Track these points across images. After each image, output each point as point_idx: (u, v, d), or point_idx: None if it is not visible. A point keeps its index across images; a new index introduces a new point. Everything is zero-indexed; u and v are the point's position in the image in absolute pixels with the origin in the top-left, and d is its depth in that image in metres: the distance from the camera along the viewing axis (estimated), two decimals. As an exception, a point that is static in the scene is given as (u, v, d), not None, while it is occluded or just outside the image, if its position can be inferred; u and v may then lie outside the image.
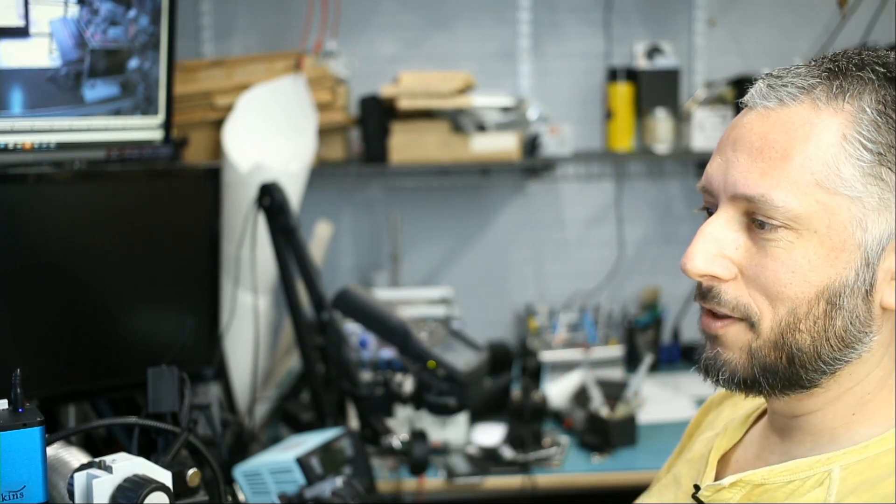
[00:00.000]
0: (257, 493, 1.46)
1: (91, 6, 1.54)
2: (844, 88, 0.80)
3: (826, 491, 0.81)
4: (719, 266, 0.82)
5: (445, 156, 2.46)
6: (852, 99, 0.79)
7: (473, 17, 2.74)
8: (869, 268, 0.79)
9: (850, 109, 0.79)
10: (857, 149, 0.78)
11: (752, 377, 0.83)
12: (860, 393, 0.83)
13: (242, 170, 2.05)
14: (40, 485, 0.91)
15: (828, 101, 0.80)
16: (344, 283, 1.83)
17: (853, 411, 0.84)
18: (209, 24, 2.65)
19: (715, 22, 2.78)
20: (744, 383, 0.84)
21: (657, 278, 2.83)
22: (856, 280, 0.79)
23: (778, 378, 0.82)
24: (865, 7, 2.16)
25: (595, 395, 2.24)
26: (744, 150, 0.82)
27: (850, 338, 0.80)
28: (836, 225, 0.78)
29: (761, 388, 0.83)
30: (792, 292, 0.79)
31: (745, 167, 0.81)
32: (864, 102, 0.79)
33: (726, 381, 0.84)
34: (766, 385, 0.83)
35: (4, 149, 1.47)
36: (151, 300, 1.76)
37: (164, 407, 1.17)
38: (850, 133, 0.78)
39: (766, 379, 0.82)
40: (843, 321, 0.80)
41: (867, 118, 0.78)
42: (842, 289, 0.79)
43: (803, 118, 0.80)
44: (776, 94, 0.82)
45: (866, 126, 0.78)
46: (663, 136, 2.66)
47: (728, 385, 0.84)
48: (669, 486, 1.01)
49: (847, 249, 0.79)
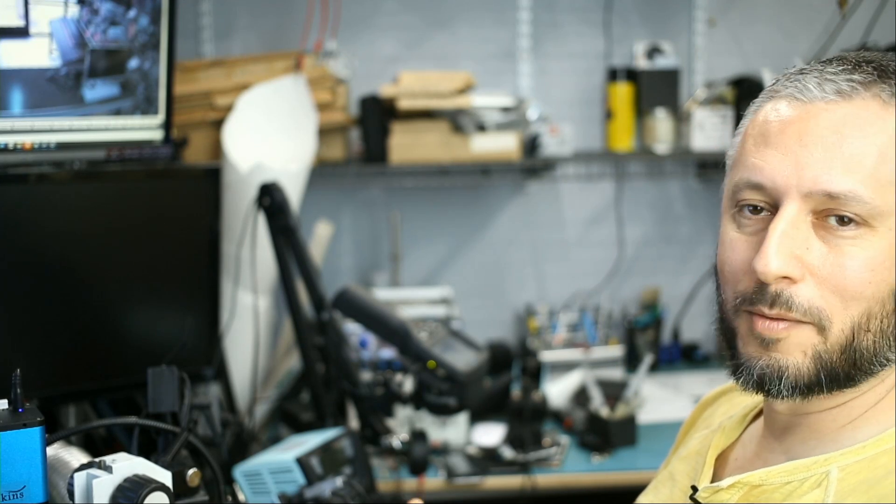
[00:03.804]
0: (257, 493, 1.46)
1: (91, 6, 1.54)
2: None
3: (824, 492, 0.80)
4: (794, 267, 0.79)
5: (445, 156, 2.46)
6: None
7: (473, 17, 2.74)
8: None
9: None
10: None
11: (817, 382, 0.80)
12: (875, 393, 0.83)
13: (242, 170, 2.05)
14: (40, 485, 0.91)
15: (890, 99, 0.79)
16: (344, 283, 1.83)
17: (863, 411, 0.83)
18: (209, 24, 2.65)
19: (715, 22, 2.78)
20: (807, 389, 0.80)
21: (657, 278, 2.82)
22: None
23: (838, 381, 0.80)
24: (865, 7, 2.16)
25: (595, 395, 2.24)
26: (815, 143, 0.78)
27: None
28: None
29: (820, 392, 0.81)
30: (870, 292, 0.78)
31: (823, 162, 0.78)
32: None
33: (791, 388, 0.80)
34: (825, 389, 0.80)
35: (4, 149, 1.48)
36: (151, 300, 1.77)
37: (164, 407, 1.17)
38: None
39: (828, 383, 0.80)
40: None
41: None
42: None
43: (874, 114, 0.78)
44: (835, 86, 0.79)
45: None
46: (663, 136, 2.66)
47: (791, 393, 0.80)
48: (665, 483, 1.01)
49: None
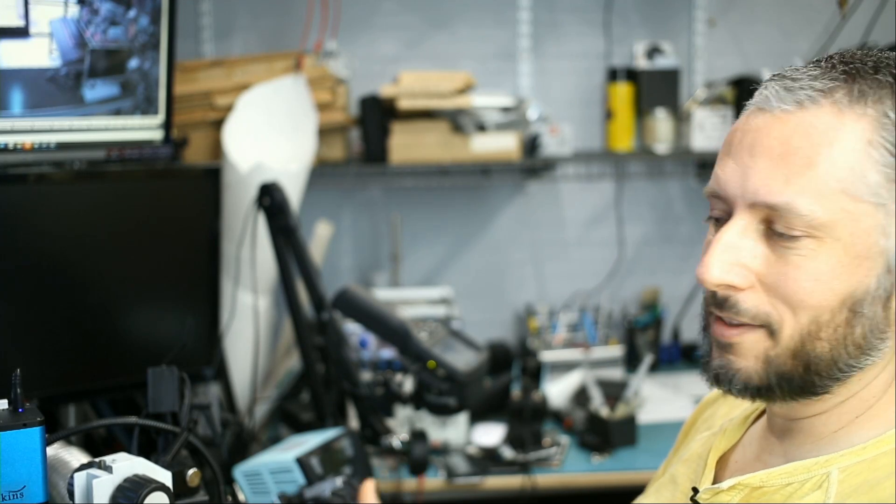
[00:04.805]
0: (257, 493, 1.46)
1: (91, 6, 1.54)
2: (865, 92, 0.77)
3: (824, 493, 0.80)
4: (736, 275, 0.80)
5: (445, 156, 2.46)
6: (874, 103, 0.77)
7: (473, 17, 2.74)
8: (889, 274, 0.78)
9: (873, 114, 0.77)
10: (883, 154, 0.76)
11: (767, 385, 0.81)
12: (866, 396, 0.83)
13: (242, 170, 2.05)
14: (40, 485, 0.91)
15: (850, 106, 0.77)
16: (344, 283, 1.83)
17: (857, 414, 0.83)
18: (209, 24, 2.65)
19: (715, 22, 2.78)
20: (758, 391, 0.82)
21: (657, 278, 2.82)
22: (877, 287, 0.78)
23: (793, 385, 0.81)
24: (865, 7, 2.16)
25: (595, 395, 2.24)
26: (763, 155, 0.79)
27: (867, 345, 0.79)
28: (859, 232, 0.77)
29: (775, 395, 0.82)
30: (815, 301, 0.78)
31: (766, 174, 0.78)
32: (886, 107, 0.77)
33: (740, 390, 0.82)
34: (779, 392, 0.81)
35: (4, 149, 1.48)
36: (151, 300, 1.76)
37: (164, 407, 1.17)
38: (875, 138, 0.77)
39: (780, 387, 0.81)
40: (863, 329, 0.78)
41: (891, 123, 0.77)
42: (864, 296, 0.78)
43: (826, 123, 0.77)
44: (793, 96, 0.79)
45: (891, 131, 0.77)
46: (663, 136, 2.66)
47: (742, 394, 0.83)
48: (667, 486, 1.01)
49: (870, 257, 0.77)
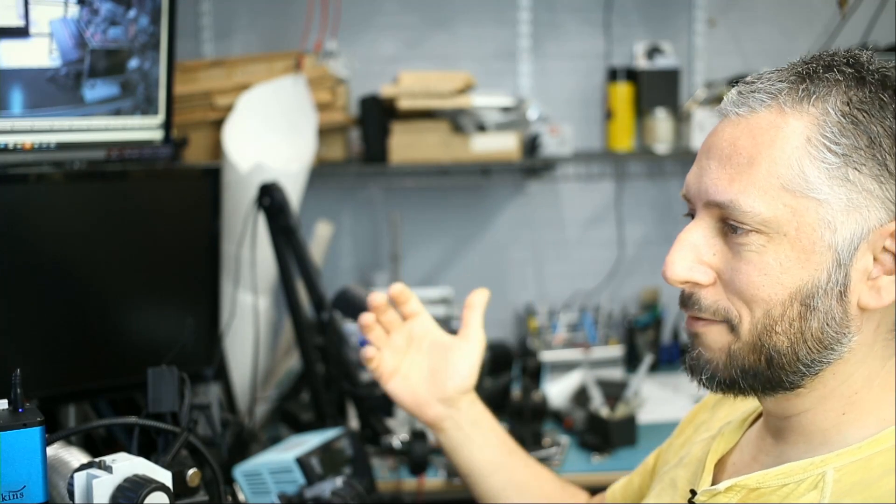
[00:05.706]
0: (257, 493, 1.46)
1: (91, 6, 1.54)
2: (810, 91, 0.80)
3: (820, 493, 0.81)
4: (698, 272, 0.85)
5: (445, 156, 2.46)
6: (817, 101, 0.80)
7: (473, 17, 2.74)
8: (841, 268, 0.80)
9: (814, 112, 0.80)
10: (822, 151, 0.79)
11: (731, 378, 0.84)
12: (847, 392, 0.84)
13: (242, 170, 2.05)
14: (40, 485, 0.91)
15: (793, 105, 0.81)
16: (344, 283, 1.83)
17: (842, 411, 0.84)
18: (209, 24, 2.65)
19: (715, 22, 2.78)
20: (723, 383, 0.85)
21: (657, 278, 2.81)
22: (828, 281, 0.80)
23: (758, 380, 0.83)
24: (865, 7, 2.16)
25: (595, 395, 2.24)
26: (714, 157, 0.84)
27: (827, 339, 0.81)
28: (804, 227, 0.79)
29: (741, 388, 0.85)
30: (765, 294, 0.81)
31: (715, 174, 0.83)
32: (829, 104, 0.79)
33: (707, 381, 0.86)
34: (745, 386, 0.84)
35: (4, 149, 1.48)
36: (151, 300, 1.77)
37: (164, 407, 1.17)
38: (814, 136, 0.79)
39: (745, 380, 0.84)
40: (819, 322, 0.80)
41: (831, 120, 0.79)
42: (815, 290, 0.80)
43: (769, 123, 0.81)
44: (746, 101, 0.83)
45: (830, 128, 0.79)
46: (663, 136, 2.66)
47: (709, 385, 0.86)
48: (667, 490, 1.01)
49: (817, 251, 0.79)
